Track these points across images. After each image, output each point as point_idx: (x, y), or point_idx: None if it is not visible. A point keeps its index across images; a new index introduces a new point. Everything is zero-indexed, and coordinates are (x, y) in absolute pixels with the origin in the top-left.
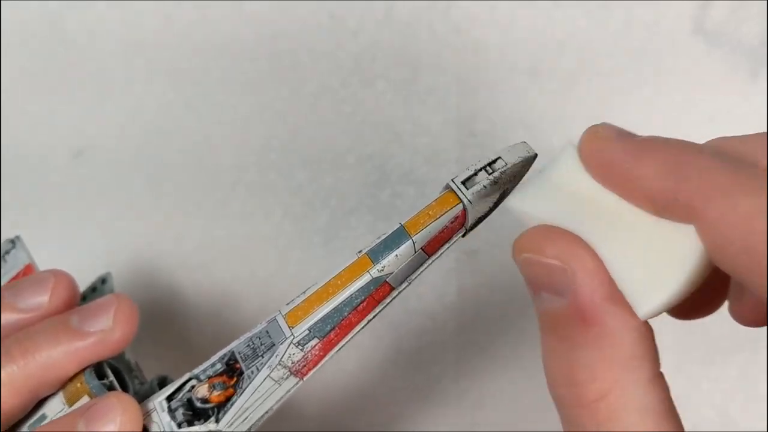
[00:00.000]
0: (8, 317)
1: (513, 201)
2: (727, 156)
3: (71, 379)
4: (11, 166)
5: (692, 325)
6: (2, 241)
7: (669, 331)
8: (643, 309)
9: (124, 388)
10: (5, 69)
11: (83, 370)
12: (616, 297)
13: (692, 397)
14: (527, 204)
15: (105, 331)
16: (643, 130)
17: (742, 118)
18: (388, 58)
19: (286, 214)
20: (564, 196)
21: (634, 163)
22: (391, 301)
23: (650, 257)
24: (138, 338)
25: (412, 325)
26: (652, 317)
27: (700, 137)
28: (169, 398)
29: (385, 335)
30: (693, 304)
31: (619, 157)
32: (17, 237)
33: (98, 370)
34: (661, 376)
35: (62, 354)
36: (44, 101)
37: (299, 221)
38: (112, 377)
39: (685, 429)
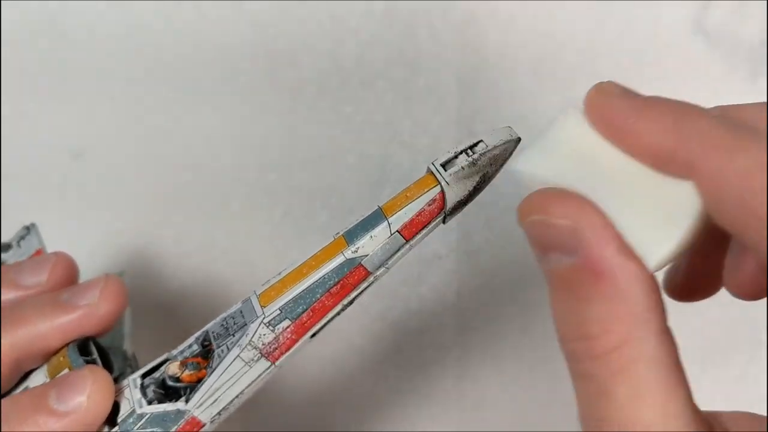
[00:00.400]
0: (10, 293)
1: (516, 163)
2: (729, 119)
3: (56, 353)
4: (11, 166)
5: (692, 326)
6: (18, 228)
7: None
8: (652, 259)
9: (109, 369)
10: (5, 69)
11: (68, 345)
12: (626, 251)
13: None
14: (530, 165)
15: (90, 305)
16: None
17: None
18: (388, 58)
19: (286, 214)
20: (567, 154)
21: (637, 118)
22: (367, 287)
23: (655, 211)
24: (137, 336)
25: (413, 325)
26: (661, 268)
27: None
28: (144, 376)
29: (386, 336)
30: (693, 285)
31: (624, 112)
32: (32, 224)
33: (84, 347)
34: (669, 330)
35: (47, 325)
36: (44, 101)
37: (299, 221)
38: (95, 355)
39: None
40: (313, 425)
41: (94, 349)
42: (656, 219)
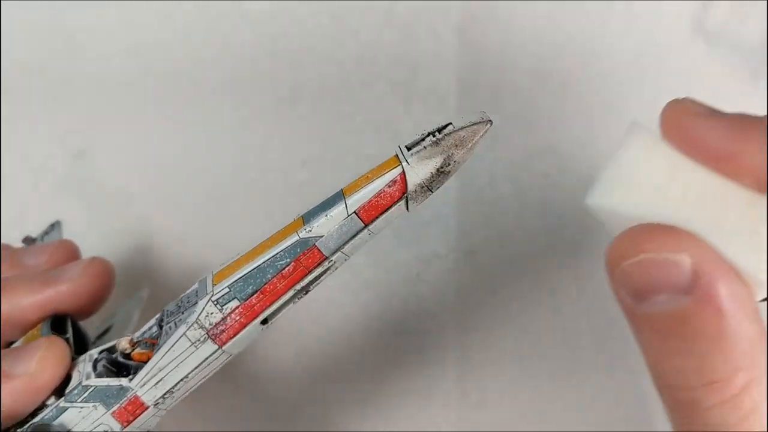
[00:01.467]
0: (14, 272)
1: (592, 199)
2: None
3: (34, 328)
4: (11, 166)
5: None
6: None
7: None
8: (764, 287)
9: (82, 351)
10: (6, 69)
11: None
12: (742, 281)
13: None
14: (607, 198)
15: (73, 279)
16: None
17: None
18: (389, 59)
19: (286, 214)
20: (646, 181)
21: (737, 142)
22: (323, 273)
23: (753, 230)
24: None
25: (413, 325)
26: None
27: None
28: (102, 351)
29: (386, 336)
30: None
31: (718, 134)
32: (57, 221)
33: (60, 324)
34: None
35: (28, 297)
36: (44, 101)
37: None
38: (69, 333)
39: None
40: (313, 425)
41: (70, 328)
42: (758, 242)
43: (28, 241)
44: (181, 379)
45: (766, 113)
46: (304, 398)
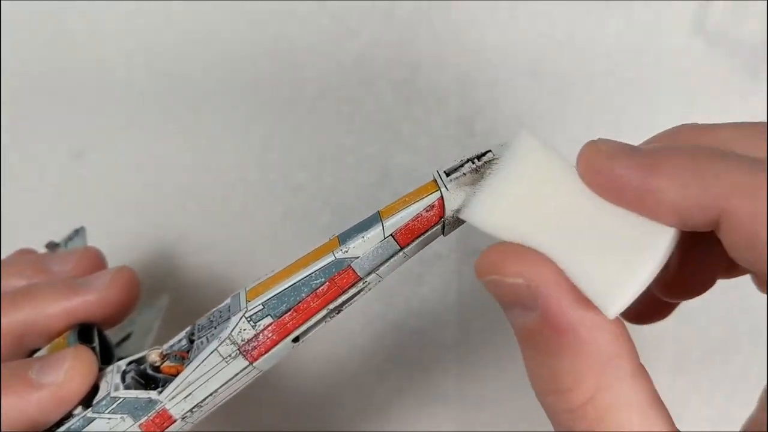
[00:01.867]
0: (39, 278)
1: (468, 212)
2: (734, 154)
3: (60, 336)
4: (11, 166)
5: (692, 325)
6: (70, 231)
7: (669, 332)
8: (610, 310)
9: (108, 361)
10: (6, 68)
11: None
12: (584, 302)
13: (692, 397)
14: (482, 214)
15: (101, 289)
16: (643, 130)
17: (742, 118)
18: (389, 58)
19: (286, 214)
20: (521, 194)
21: (649, 177)
22: (357, 293)
23: (612, 255)
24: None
25: (414, 325)
26: (622, 311)
27: None
28: (130, 363)
29: (387, 336)
30: (645, 312)
31: (632, 173)
32: (81, 227)
33: (87, 333)
34: (641, 369)
35: (55, 304)
36: (44, 101)
37: (299, 221)
38: (95, 343)
39: (686, 429)
40: (313, 425)
41: (96, 337)
42: (617, 263)
43: (52, 246)
44: (211, 394)
45: (766, 117)
46: (305, 398)
